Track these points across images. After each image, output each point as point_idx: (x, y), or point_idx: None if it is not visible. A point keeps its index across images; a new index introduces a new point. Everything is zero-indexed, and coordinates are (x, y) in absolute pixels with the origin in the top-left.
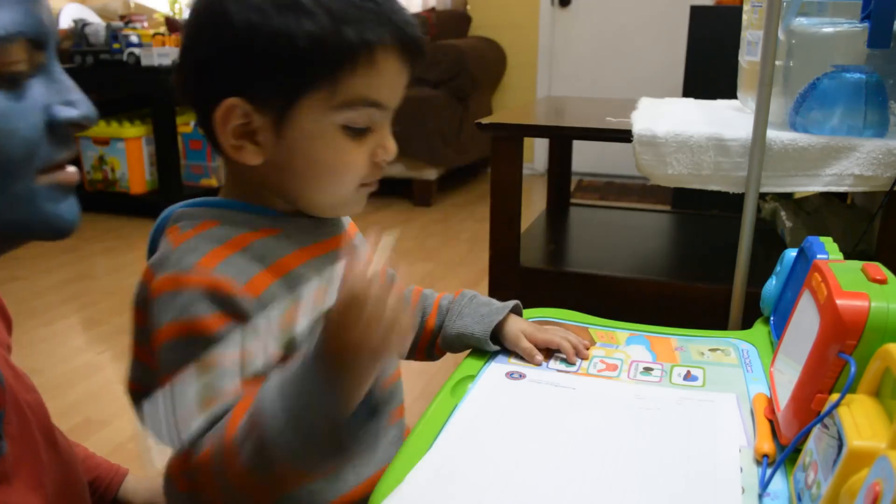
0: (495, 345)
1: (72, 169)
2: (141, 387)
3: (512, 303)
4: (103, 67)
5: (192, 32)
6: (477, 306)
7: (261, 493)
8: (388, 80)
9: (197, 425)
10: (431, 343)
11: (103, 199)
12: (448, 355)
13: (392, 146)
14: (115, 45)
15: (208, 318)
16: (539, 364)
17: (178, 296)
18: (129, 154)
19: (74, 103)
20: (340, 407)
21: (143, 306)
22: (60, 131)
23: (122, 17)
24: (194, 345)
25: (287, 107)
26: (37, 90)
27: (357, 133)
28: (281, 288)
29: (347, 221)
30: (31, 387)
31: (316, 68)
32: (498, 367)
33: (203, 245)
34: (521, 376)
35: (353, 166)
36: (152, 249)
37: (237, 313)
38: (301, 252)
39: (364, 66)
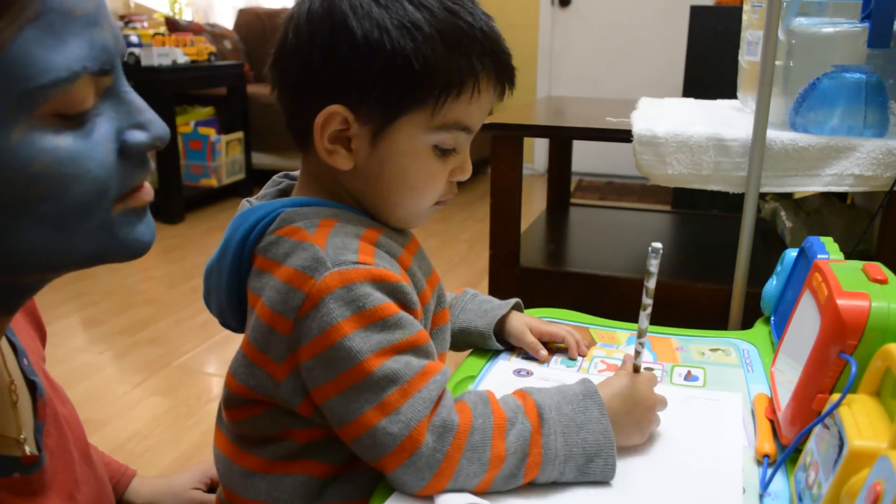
0: (497, 342)
1: (146, 188)
2: (255, 393)
3: (514, 300)
4: None
5: (305, 34)
6: (479, 303)
7: (490, 476)
8: (483, 107)
9: (424, 396)
10: None
11: None
12: (449, 356)
13: (469, 167)
14: None
15: (388, 305)
16: (544, 358)
17: (353, 290)
18: None
19: (145, 125)
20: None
21: (293, 313)
22: (134, 156)
23: (122, 17)
24: (384, 329)
25: (388, 122)
26: (105, 121)
27: (444, 153)
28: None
29: None
30: (66, 399)
31: (425, 90)
32: (505, 365)
33: (349, 241)
34: (529, 374)
35: (435, 184)
36: (239, 253)
37: (404, 302)
38: (406, 250)
39: (467, 93)
